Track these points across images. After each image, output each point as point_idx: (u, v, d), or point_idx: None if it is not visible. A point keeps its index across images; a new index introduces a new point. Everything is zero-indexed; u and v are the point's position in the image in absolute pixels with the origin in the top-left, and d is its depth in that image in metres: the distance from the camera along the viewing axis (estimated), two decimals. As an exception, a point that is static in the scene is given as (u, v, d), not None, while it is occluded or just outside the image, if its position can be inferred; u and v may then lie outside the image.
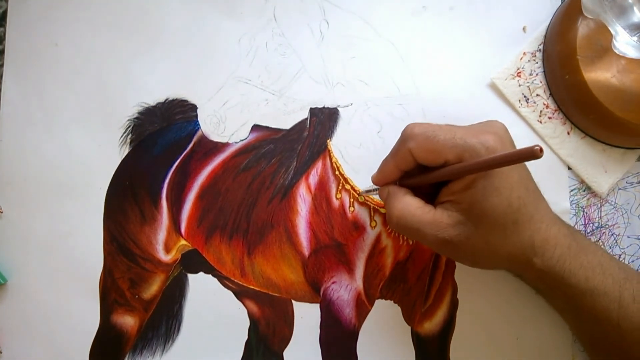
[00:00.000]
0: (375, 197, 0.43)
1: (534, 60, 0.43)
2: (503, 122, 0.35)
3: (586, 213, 0.43)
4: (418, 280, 0.43)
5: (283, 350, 0.44)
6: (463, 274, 0.43)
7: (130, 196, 0.45)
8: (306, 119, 0.44)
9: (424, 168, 0.35)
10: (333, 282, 0.43)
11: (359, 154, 0.44)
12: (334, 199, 0.43)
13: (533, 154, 0.25)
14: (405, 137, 0.35)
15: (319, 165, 0.44)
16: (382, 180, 0.38)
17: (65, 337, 0.45)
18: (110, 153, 0.46)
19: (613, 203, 0.43)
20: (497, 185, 0.32)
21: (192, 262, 0.45)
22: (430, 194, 0.36)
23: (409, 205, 0.35)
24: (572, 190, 0.43)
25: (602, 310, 0.34)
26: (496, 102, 0.43)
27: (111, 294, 0.45)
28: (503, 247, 0.33)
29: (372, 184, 0.40)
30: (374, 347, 0.43)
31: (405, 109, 0.44)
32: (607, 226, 0.43)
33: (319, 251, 0.43)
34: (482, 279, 0.42)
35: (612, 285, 0.34)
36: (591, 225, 0.43)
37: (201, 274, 0.45)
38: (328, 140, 0.44)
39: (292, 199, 0.44)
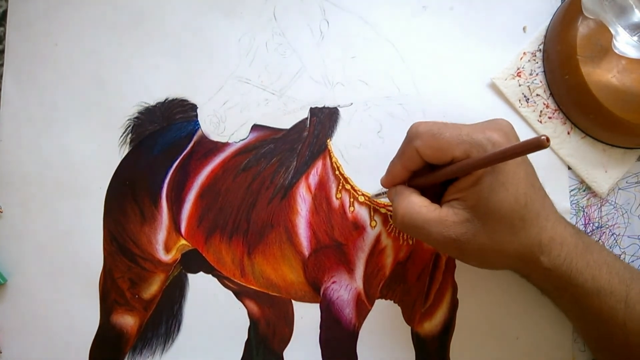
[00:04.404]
0: (385, 200, 0.43)
1: (534, 60, 0.43)
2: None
3: (586, 213, 0.43)
4: (418, 280, 0.43)
5: (283, 350, 0.44)
6: (463, 274, 0.43)
7: (130, 196, 0.45)
8: (306, 118, 0.44)
9: (432, 168, 0.35)
10: (333, 282, 0.43)
11: (359, 154, 0.44)
12: (334, 198, 0.43)
13: (540, 144, 0.26)
14: (411, 136, 0.35)
15: (319, 165, 0.44)
16: (391, 182, 0.38)
17: (65, 337, 0.45)
18: (110, 153, 0.46)
19: (613, 203, 0.43)
20: (504, 181, 0.32)
21: (192, 262, 0.45)
22: (438, 194, 0.36)
23: (414, 203, 0.34)
24: (572, 190, 0.43)
25: (608, 309, 0.34)
26: (496, 102, 0.43)
27: (111, 294, 0.45)
28: (510, 245, 0.33)
29: (381, 187, 0.40)
30: (374, 347, 0.43)
31: (405, 109, 0.44)
32: (607, 226, 0.43)
33: (319, 251, 0.43)
34: (483, 279, 0.42)
35: (619, 284, 0.34)
36: (591, 225, 0.43)
37: (201, 273, 0.45)
38: (328, 140, 0.44)
39: (292, 198, 0.44)
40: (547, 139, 0.25)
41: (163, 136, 0.45)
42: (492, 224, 0.32)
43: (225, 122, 0.45)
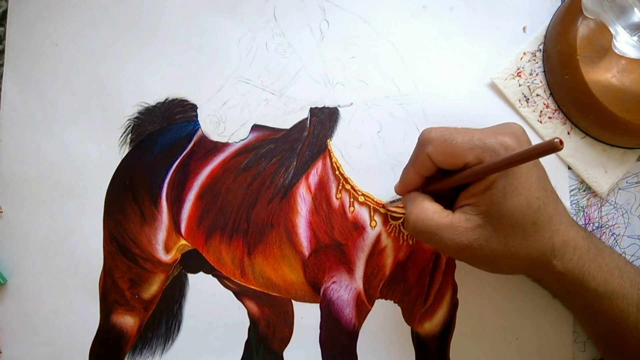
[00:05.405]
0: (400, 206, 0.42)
1: (534, 60, 0.43)
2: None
3: (586, 213, 0.43)
4: (418, 280, 0.43)
5: (283, 350, 0.44)
6: (463, 274, 0.43)
7: (130, 196, 0.45)
8: (306, 118, 0.44)
9: (445, 174, 0.35)
10: (333, 282, 0.43)
11: (359, 154, 0.44)
12: (334, 198, 0.43)
13: (553, 146, 0.25)
14: (423, 142, 0.35)
15: (319, 165, 0.44)
16: (404, 189, 0.38)
17: (65, 337, 0.45)
18: (110, 153, 0.46)
19: (613, 203, 0.43)
20: (517, 186, 0.32)
21: (192, 262, 0.45)
22: (451, 200, 0.36)
23: (427, 209, 0.34)
24: (572, 190, 0.43)
25: (620, 313, 0.34)
26: (496, 102, 0.43)
27: (111, 294, 0.45)
28: (523, 249, 0.33)
29: (395, 194, 0.40)
30: (374, 347, 0.43)
31: (405, 109, 0.44)
32: (607, 226, 0.43)
33: (319, 251, 0.43)
34: (483, 279, 0.42)
35: (631, 288, 0.34)
36: (591, 225, 0.43)
37: (201, 274, 0.45)
38: (328, 140, 0.44)
39: (292, 198, 0.44)
40: (561, 142, 0.25)
41: (163, 136, 0.45)
42: (504, 229, 0.32)
43: (225, 122, 0.45)
